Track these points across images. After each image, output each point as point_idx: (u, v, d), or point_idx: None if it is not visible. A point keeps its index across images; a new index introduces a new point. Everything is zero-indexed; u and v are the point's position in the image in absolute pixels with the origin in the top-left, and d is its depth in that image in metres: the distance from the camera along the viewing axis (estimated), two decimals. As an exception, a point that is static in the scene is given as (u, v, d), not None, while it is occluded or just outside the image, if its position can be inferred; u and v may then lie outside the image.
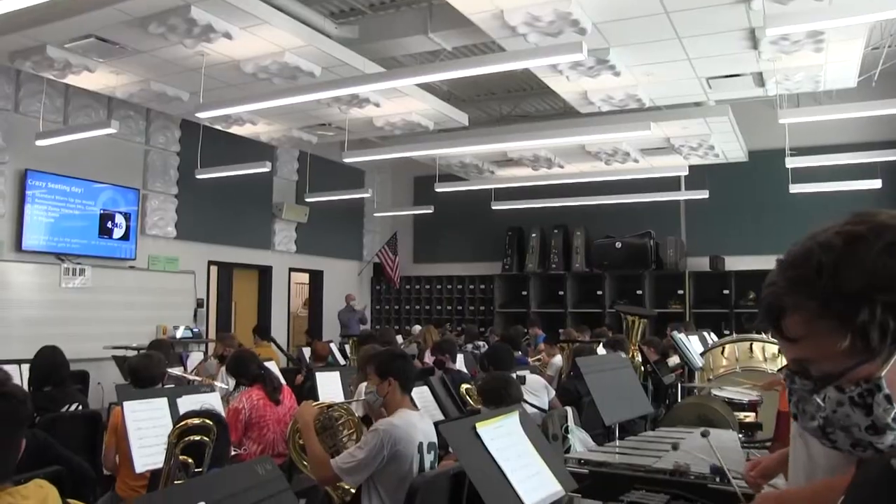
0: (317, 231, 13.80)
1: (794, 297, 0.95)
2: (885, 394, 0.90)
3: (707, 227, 12.72)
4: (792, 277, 0.96)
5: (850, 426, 0.94)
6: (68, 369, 5.17)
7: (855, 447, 0.95)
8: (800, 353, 0.98)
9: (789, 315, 0.96)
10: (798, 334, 0.96)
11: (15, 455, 1.73)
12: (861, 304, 0.89)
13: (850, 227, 0.94)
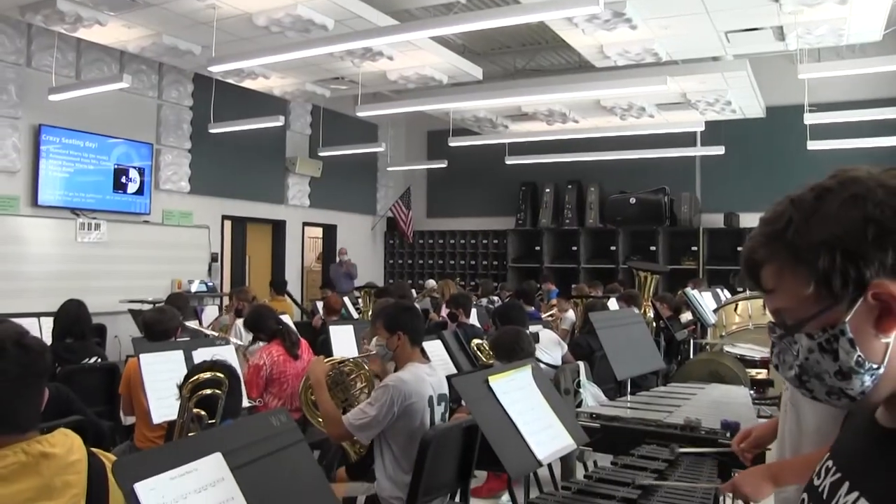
0: (330, 185, 13.79)
1: (766, 250, 1.00)
2: (849, 338, 0.94)
3: (722, 184, 12.62)
4: (766, 232, 1.01)
5: (822, 373, 0.98)
6: (90, 323, 5.25)
7: (830, 395, 0.99)
8: (775, 304, 1.02)
9: (765, 267, 1.01)
10: (772, 285, 1.01)
11: (39, 405, 1.77)
12: (823, 253, 0.94)
13: (823, 182, 0.99)
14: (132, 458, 1.57)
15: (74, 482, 1.70)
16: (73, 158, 9.70)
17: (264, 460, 1.77)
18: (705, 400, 3.87)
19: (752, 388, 4.53)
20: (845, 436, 1.08)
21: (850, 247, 0.93)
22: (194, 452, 1.62)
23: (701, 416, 3.30)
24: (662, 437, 3.19)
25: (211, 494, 1.58)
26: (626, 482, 2.55)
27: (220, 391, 2.74)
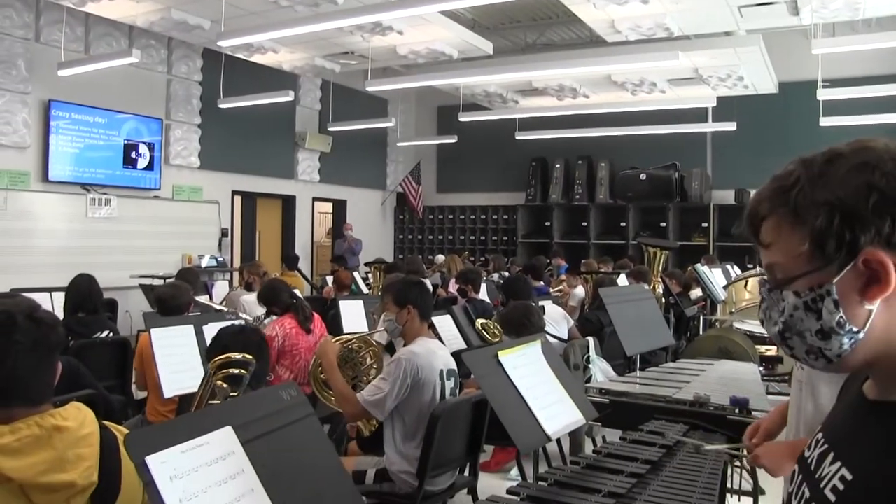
0: (340, 160, 13.77)
1: (769, 204, 1.02)
2: (834, 299, 0.96)
3: (733, 160, 12.53)
4: (772, 187, 1.03)
5: (804, 331, 1.00)
6: (101, 298, 5.28)
7: (808, 354, 1.01)
8: (770, 258, 1.04)
9: (766, 221, 1.03)
10: (770, 240, 1.03)
11: (52, 378, 1.78)
12: (823, 214, 0.95)
13: (837, 147, 1.00)
14: (144, 431, 1.58)
15: (87, 455, 1.71)
16: (83, 134, 9.71)
17: (275, 434, 1.78)
18: (714, 376, 3.87)
19: (761, 364, 4.53)
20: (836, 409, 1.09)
21: (849, 211, 0.94)
22: (205, 426, 1.62)
23: (710, 392, 3.30)
24: (671, 413, 3.19)
25: (222, 468, 1.59)
26: (634, 457, 2.56)
27: (246, 372, 2.76)
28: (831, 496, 0.89)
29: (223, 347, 2.97)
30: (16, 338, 1.66)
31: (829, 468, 0.93)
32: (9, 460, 1.59)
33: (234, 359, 2.77)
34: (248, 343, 2.97)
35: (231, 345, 2.95)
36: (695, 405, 3.23)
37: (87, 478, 1.68)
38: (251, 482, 1.64)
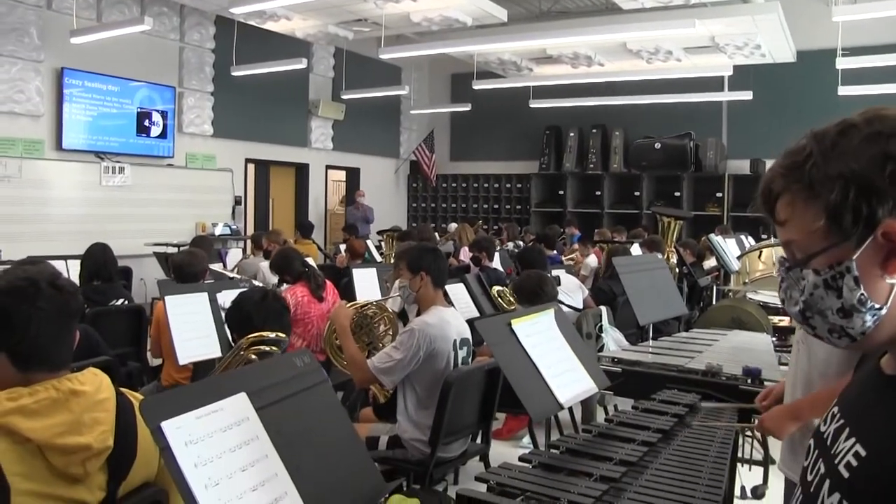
0: (353, 128, 13.73)
1: (783, 181, 1.00)
2: (854, 276, 0.94)
3: (749, 130, 12.40)
4: (785, 164, 1.00)
5: (825, 310, 0.98)
6: (116, 266, 5.31)
7: (831, 333, 0.99)
8: (787, 236, 1.02)
9: (780, 198, 1.01)
10: (785, 217, 1.01)
11: (71, 345, 1.80)
12: (837, 187, 0.93)
13: (850, 118, 0.97)
14: (159, 396, 1.59)
15: (103, 419, 1.73)
16: (97, 102, 9.71)
17: (288, 400, 1.79)
18: (727, 346, 3.87)
19: (774, 335, 4.52)
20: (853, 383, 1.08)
21: (865, 183, 0.91)
22: (220, 392, 1.64)
23: (722, 362, 3.30)
24: (684, 383, 3.20)
25: (236, 433, 1.61)
26: (646, 426, 2.56)
27: (278, 350, 2.79)
28: (845, 472, 0.89)
29: (246, 315, 2.99)
30: (39, 304, 1.69)
31: (843, 444, 0.93)
32: (27, 421, 1.61)
33: (268, 338, 2.80)
34: (271, 311, 3.01)
35: (254, 313, 2.98)
36: (707, 375, 3.23)
37: (103, 441, 1.70)
38: (265, 448, 1.65)
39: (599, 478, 2.10)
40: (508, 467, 2.18)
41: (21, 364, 1.70)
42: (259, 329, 2.88)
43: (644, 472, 2.18)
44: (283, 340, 2.85)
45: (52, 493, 1.64)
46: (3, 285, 1.70)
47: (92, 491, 1.72)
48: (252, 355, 2.78)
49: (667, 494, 2.01)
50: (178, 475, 1.46)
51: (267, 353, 2.79)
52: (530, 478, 2.10)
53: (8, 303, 1.68)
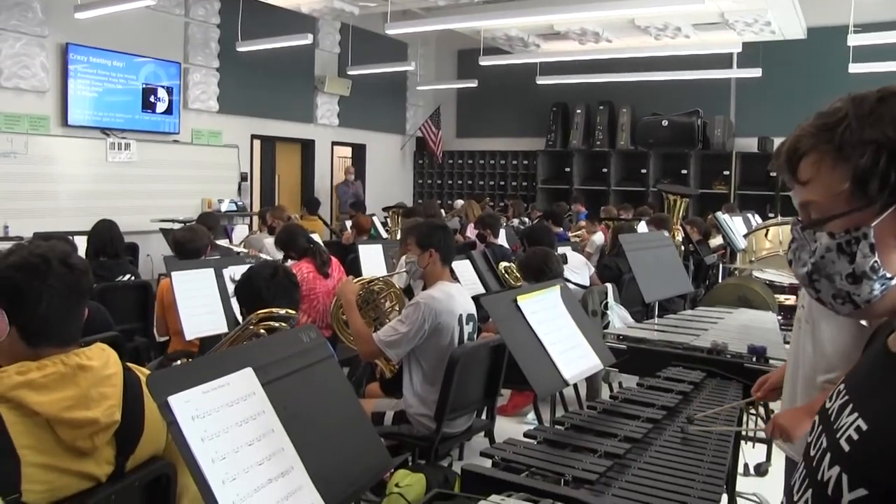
0: (359, 104, 13.68)
1: (812, 140, 0.99)
2: (870, 243, 0.94)
3: (757, 107, 12.31)
4: (817, 123, 0.99)
5: (834, 274, 0.97)
6: (123, 243, 5.34)
7: (836, 298, 0.99)
8: (806, 196, 1.01)
9: (806, 157, 1.00)
10: (808, 176, 1.00)
11: (80, 322, 1.82)
12: (869, 152, 0.92)
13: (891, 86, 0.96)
14: (166, 371, 1.60)
15: (110, 394, 1.75)
16: (102, 78, 9.68)
17: (294, 375, 1.80)
18: (733, 324, 3.87)
19: (779, 313, 4.52)
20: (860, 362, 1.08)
21: None
22: (226, 367, 1.65)
23: (728, 340, 3.30)
24: (689, 360, 3.20)
25: (242, 408, 1.62)
26: (651, 403, 2.57)
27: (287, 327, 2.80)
28: (846, 446, 0.89)
29: (256, 290, 3.01)
30: (50, 282, 1.71)
31: (846, 419, 0.93)
32: (35, 395, 1.63)
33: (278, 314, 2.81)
34: (280, 286, 3.02)
35: (264, 288, 2.99)
36: (712, 353, 3.24)
37: (110, 416, 1.71)
38: (271, 422, 1.66)
39: (604, 454, 2.11)
40: (513, 443, 2.19)
41: (31, 339, 1.72)
42: (268, 304, 2.90)
43: (648, 449, 2.19)
44: (293, 317, 2.86)
45: (60, 465, 1.66)
46: (16, 261, 1.71)
47: (100, 464, 1.73)
48: (261, 330, 2.79)
49: (671, 471, 2.02)
50: (186, 449, 1.47)
51: (276, 329, 2.80)
52: (535, 453, 2.12)
53: (20, 279, 1.70)
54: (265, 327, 2.79)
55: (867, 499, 0.83)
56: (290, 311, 2.88)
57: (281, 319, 2.82)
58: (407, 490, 2.99)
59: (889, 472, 0.81)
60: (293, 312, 2.89)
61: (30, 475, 1.60)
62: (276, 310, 2.84)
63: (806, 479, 0.95)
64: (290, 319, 2.83)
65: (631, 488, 1.90)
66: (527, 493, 1.66)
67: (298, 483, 1.64)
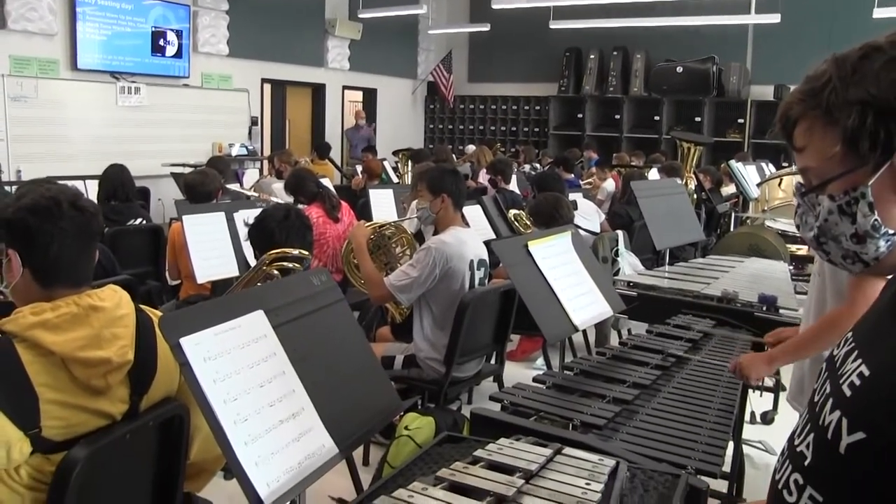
0: (370, 49, 13.52)
1: (801, 107, 0.99)
2: (869, 202, 0.94)
3: (775, 54, 12.06)
4: (804, 89, 0.99)
5: (839, 235, 0.99)
6: (133, 187, 5.34)
7: (845, 259, 1.01)
8: (804, 162, 1.02)
9: (798, 124, 1.00)
10: (802, 143, 1.00)
11: (91, 263, 1.84)
12: (855, 112, 0.92)
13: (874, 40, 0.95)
14: (178, 313, 1.61)
15: (122, 335, 1.76)
16: (110, 21, 9.56)
17: (305, 318, 1.81)
18: (744, 273, 3.86)
19: (791, 263, 4.50)
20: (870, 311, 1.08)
21: (883, 107, 0.90)
22: (237, 310, 1.66)
23: (738, 289, 3.30)
24: (699, 308, 3.21)
25: (253, 350, 1.63)
26: (660, 350, 2.58)
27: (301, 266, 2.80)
28: (847, 391, 0.90)
29: (269, 232, 3.02)
30: (61, 224, 1.73)
31: (850, 365, 0.93)
32: (50, 335, 1.66)
33: (291, 254, 2.82)
34: (293, 229, 3.03)
35: (277, 230, 3.00)
36: (722, 301, 3.24)
37: (123, 356, 1.74)
38: (282, 365, 1.68)
39: (612, 400, 2.13)
40: (522, 387, 2.21)
41: (43, 280, 1.75)
42: (281, 246, 2.91)
43: (657, 395, 2.21)
44: (307, 258, 2.87)
45: (76, 403, 1.69)
46: (27, 203, 1.73)
47: (114, 403, 1.76)
48: (274, 271, 2.80)
49: (678, 417, 2.03)
50: (198, 390, 1.49)
51: (289, 269, 2.81)
52: (544, 398, 2.14)
53: (31, 221, 1.71)
54: (278, 267, 2.80)
55: (865, 442, 0.83)
56: (304, 252, 2.89)
57: (294, 260, 2.83)
58: (416, 433, 3.03)
59: (888, 417, 0.82)
60: (306, 253, 2.89)
61: (47, 411, 1.64)
62: (289, 250, 2.85)
63: (808, 425, 0.96)
64: (303, 260, 2.84)
65: (639, 434, 1.92)
66: (535, 436, 1.68)
67: (309, 424, 1.66)
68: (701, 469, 1.72)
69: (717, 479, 1.75)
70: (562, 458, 1.53)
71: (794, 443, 0.98)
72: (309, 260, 2.89)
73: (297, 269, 2.80)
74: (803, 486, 0.92)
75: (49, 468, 1.66)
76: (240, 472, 1.46)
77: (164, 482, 1.96)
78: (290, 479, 1.53)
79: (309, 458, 1.60)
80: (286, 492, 1.50)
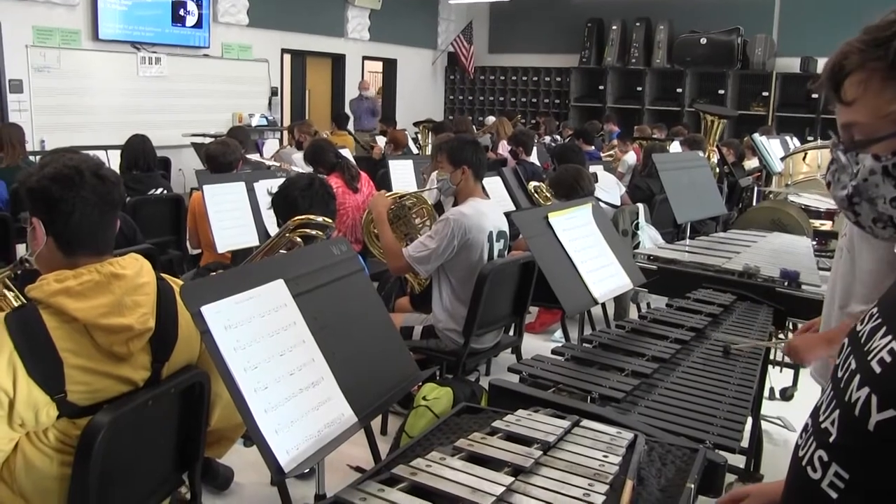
0: (390, 18, 13.44)
1: (861, 56, 0.93)
2: None
3: (802, 25, 11.86)
4: (866, 39, 0.93)
5: (877, 197, 0.94)
6: (155, 157, 5.37)
7: (876, 222, 0.97)
8: (851, 117, 0.96)
9: (851, 76, 0.94)
10: (853, 96, 0.95)
11: (112, 232, 1.87)
12: None
13: None
14: (199, 282, 1.62)
15: (143, 302, 1.78)
16: (130, -10, 9.56)
17: (325, 288, 1.82)
18: (766, 248, 3.83)
19: (814, 239, 4.45)
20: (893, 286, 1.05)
21: None
22: (258, 279, 1.66)
23: (760, 263, 3.27)
24: (720, 283, 3.18)
25: (273, 319, 1.64)
26: (680, 324, 2.57)
27: (323, 234, 2.81)
28: (877, 367, 0.88)
29: (292, 200, 3.03)
30: (83, 193, 1.74)
31: (879, 341, 0.91)
32: (73, 302, 1.68)
33: (315, 221, 2.82)
34: (317, 197, 3.04)
35: (300, 198, 3.01)
36: (744, 276, 3.21)
37: (144, 323, 1.75)
38: (302, 333, 1.69)
39: (631, 373, 2.12)
40: (541, 359, 2.21)
41: (66, 249, 1.77)
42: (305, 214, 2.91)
43: (676, 370, 2.20)
44: (330, 226, 2.88)
45: (99, 369, 1.71)
46: (50, 173, 1.75)
47: (136, 370, 1.78)
48: (297, 238, 2.81)
49: (698, 392, 2.03)
50: (218, 358, 1.50)
51: (312, 237, 2.81)
52: (562, 370, 2.13)
53: (54, 190, 1.73)
54: (301, 234, 2.81)
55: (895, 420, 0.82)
56: (328, 220, 2.89)
57: (318, 227, 2.83)
58: (434, 403, 3.04)
59: None
60: (330, 221, 2.89)
61: (72, 377, 1.67)
62: (313, 217, 2.85)
63: (833, 401, 0.95)
64: (326, 228, 2.84)
65: (657, 408, 1.91)
66: (553, 408, 1.68)
67: (328, 393, 1.67)
68: (719, 444, 1.71)
69: (736, 454, 1.74)
70: (580, 431, 1.53)
71: (819, 419, 0.96)
72: (332, 228, 2.89)
73: (321, 236, 2.80)
74: (828, 463, 0.91)
75: (75, 432, 1.69)
76: (260, 440, 1.47)
77: (185, 448, 1.99)
78: (310, 447, 1.54)
79: (328, 426, 1.61)
80: (305, 459, 1.52)
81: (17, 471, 1.70)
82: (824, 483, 0.91)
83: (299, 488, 2.79)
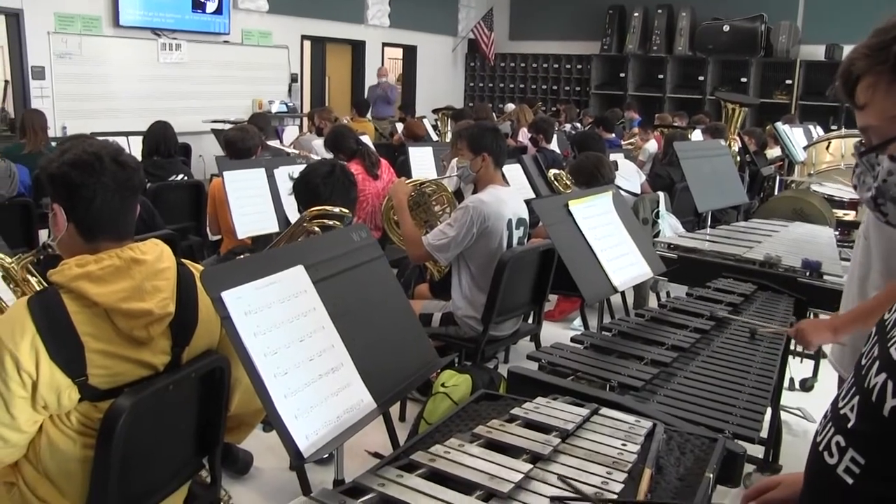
0: (411, 5, 13.41)
1: (867, 62, 0.94)
2: None
3: (827, 12, 11.72)
4: (871, 43, 0.94)
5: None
6: (176, 144, 5.40)
7: None
8: (865, 120, 0.97)
9: (862, 80, 0.95)
10: (865, 100, 0.95)
11: (133, 217, 1.88)
12: None
13: None
14: (219, 267, 1.63)
15: (163, 287, 1.79)
16: (151, -24, 9.59)
17: (345, 274, 1.82)
18: (788, 238, 3.80)
19: (837, 229, 4.41)
20: None
21: None
22: (278, 265, 1.67)
23: (782, 253, 3.25)
24: (740, 272, 3.16)
25: (293, 305, 1.65)
26: (700, 313, 2.55)
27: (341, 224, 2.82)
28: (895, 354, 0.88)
29: (313, 187, 3.03)
30: (103, 179, 1.75)
31: None
32: (94, 286, 1.69)
33: (332, 212, 2.83)
34: (338, 184, 3.04)
35: (321, 185, 3.02)
36: (765, 265, 3.19)
37: (164, 308, 1.76)
38: (322, 319, 1.69)
39: (650, 362, 2.12)
40: (560, 347, 2.20)
41: (87, 234, 1.78)
42: (325, 201, 2.92)
43: (695, 359, 2.19)
44: (347, 216, 2.88)
45: (119, 353, 1.73)
46: (71, 158, 1.76)
47: (156, 354, 1.79)
48: (315, 228, 2.82)
49: (717, 381, 2.02)
50: (239, 343, 1.51)
51: (330, 227, 2.82)
52: (581, 358, 2.13)
53: (74, 175, 1.74)
54: (319, 224, 2.81)
55: None
56: (345, 210, 2.89)
57: (335, 217, 2.84)
58: (453, 390, 3.05)
59: None
60: (347, 211, 2.90)
61: (93, 360, 1.68)
62: (330, 208, 2.86)
63: (853, 388, 0.95)
64: (344, 218, 2.84)
65: (676, 397, 1.91)
66: (572, 396, 1.68)
67: (347, 379, 1.68)
68: (738, 434, 1.70)
69: (755, 444, 1.73)
70: (598, 419, 1.53)
71: (838, 405, 0.96)
72: (350, 218, 2.89)
73: (338, 226, 2.81)
74: (845, 448, 0.91)
75: (97, 415, 1.71)
76: (279, 425, 1.48)
77: (205, 433, 2.00)
78: (329, 432, 1.55)
79: (347, 412, 1.62)
80: (324, 445, 1.52)
81: (41, 452, 1.73)
82: (840, 468, 0.91)
83: (318, 473, 2.81)
